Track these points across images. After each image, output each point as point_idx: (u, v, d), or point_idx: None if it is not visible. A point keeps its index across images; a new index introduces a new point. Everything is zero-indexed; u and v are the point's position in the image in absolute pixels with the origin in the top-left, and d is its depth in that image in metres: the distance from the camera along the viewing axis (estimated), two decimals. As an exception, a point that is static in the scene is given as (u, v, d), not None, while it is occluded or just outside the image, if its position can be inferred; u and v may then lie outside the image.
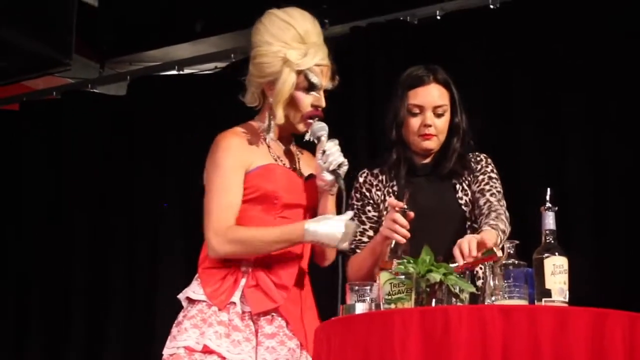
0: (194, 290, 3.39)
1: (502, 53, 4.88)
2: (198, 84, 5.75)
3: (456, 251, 3.11)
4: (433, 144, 3.61)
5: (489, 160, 3.69)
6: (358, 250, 3.57)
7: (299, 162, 3.56)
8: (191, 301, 3.38)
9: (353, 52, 5.22)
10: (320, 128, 3.42)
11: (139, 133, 5.84)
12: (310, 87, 3.43)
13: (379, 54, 5.16)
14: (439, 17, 5.10)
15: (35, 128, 6.15)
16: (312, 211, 3.48)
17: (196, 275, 3.43)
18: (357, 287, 3.07)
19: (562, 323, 2.68)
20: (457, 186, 3.62)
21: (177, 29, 5.87)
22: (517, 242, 3.09)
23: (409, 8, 5.17)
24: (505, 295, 2.86)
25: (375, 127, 5.13)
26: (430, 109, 3.59)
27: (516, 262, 2.95)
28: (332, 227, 3.32)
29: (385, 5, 5.25)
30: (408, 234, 3.25)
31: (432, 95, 3.60)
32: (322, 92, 3.47)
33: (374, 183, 3.65)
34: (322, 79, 3.47)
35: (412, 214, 3.29)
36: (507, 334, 2.66)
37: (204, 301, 3.36)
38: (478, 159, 3.68)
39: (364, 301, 3.04)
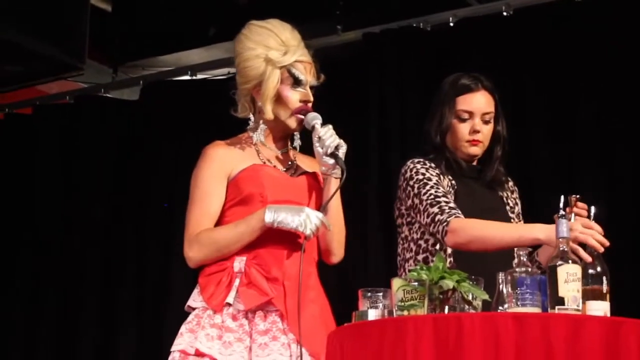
0: (194, 298, 3.44)
1: (515, 60, 4.88)
2: (211, 89, 5.75)
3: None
4: (479, 150, 3.67)
5: (515, 187, 3.77)
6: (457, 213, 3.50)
7: (294, 163, 3.58)
8: (191, 309, 3.44)
9: (366, 59, 5.22)
10: (314, 117, 3.47)
11: (151, 138, 5.85)
12: (296, 83, 3.49)
13: (392, 60, 5.16)
14: (452, 24, 5.10)
15: (48, 132, 6.16)
16: (308, 206, 3.48)
17: (197, 285, 3.48)
18: (369, 294, 3.07)
19: (576, 331, 2.67)
20: (504, 193, 3.72)
21: (190, 34, 5.89)
22: (530, 249, 3.08)
23: (422, 15, 5.18)
24: (518, 303, 2.85)
25: (387, 132, 5.13)
26: (479, 115, 3.65)
27: (529, 269, 2.94)
28: (293, 209, 3.37)
29: (398, 11, 5.26)
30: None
31: (481, 102, 3.66)
32: (308, 88, 3.51)
33: (436, 170, 3.63)
34: (307, 76, 3.50)
35: None
36: (520, 341, 2.65)
37: (200, 306, 3.40)
38: (510, 182, 3.77)
39: (376, 307, 3.03)
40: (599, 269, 2.96)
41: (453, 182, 3.62)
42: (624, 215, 4.49)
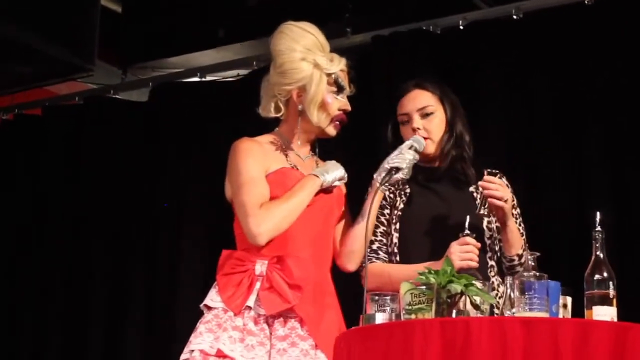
0: (212, 298, 3.43)
1: (524, 63, 4.86)
2: (220, 91, 5.75)
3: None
4: (428, 147, 3.66)
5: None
6: (380, 253, 3.63)
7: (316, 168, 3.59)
8: (208, 308, 3.42)
9: (375, 62, 5.21)
10: (419, 140, 3.57)
11: (160, 139, 5.85)
12: (338, 91, 3.53)
13: (401, 63, 5.15)
14: (461, 27, 5.08)
15: (57, 133, 6.16)
16: (327, 212, 3.51)
17: (214, 283, 3.45)
18: (377, 297, 3.07)
19: (584, 335, 2.67)
20: (475, 194, 3.69)
21: (200, 35, 5.88)
22: (538, 254, 3.08)
23: (431, 18, 5.16)
24: (526, 307, 2.85)
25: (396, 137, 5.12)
26: (416, 113, 3.69)
27: (537, 274, 2.94)
28: (334, 165, 3.53)
29: (408, 14, 5.24)
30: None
31: (413, 100, 3.72)
32: (346, 97, 3.54)
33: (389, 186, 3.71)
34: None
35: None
36: (528, 346, 2.65)
37: (220, 307, 3.38)
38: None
39: (384, 311, 3.03)
40: (605, 274, 2.95)
41: (407, 191, 3.68)
42: (630, 221, 4.47)
